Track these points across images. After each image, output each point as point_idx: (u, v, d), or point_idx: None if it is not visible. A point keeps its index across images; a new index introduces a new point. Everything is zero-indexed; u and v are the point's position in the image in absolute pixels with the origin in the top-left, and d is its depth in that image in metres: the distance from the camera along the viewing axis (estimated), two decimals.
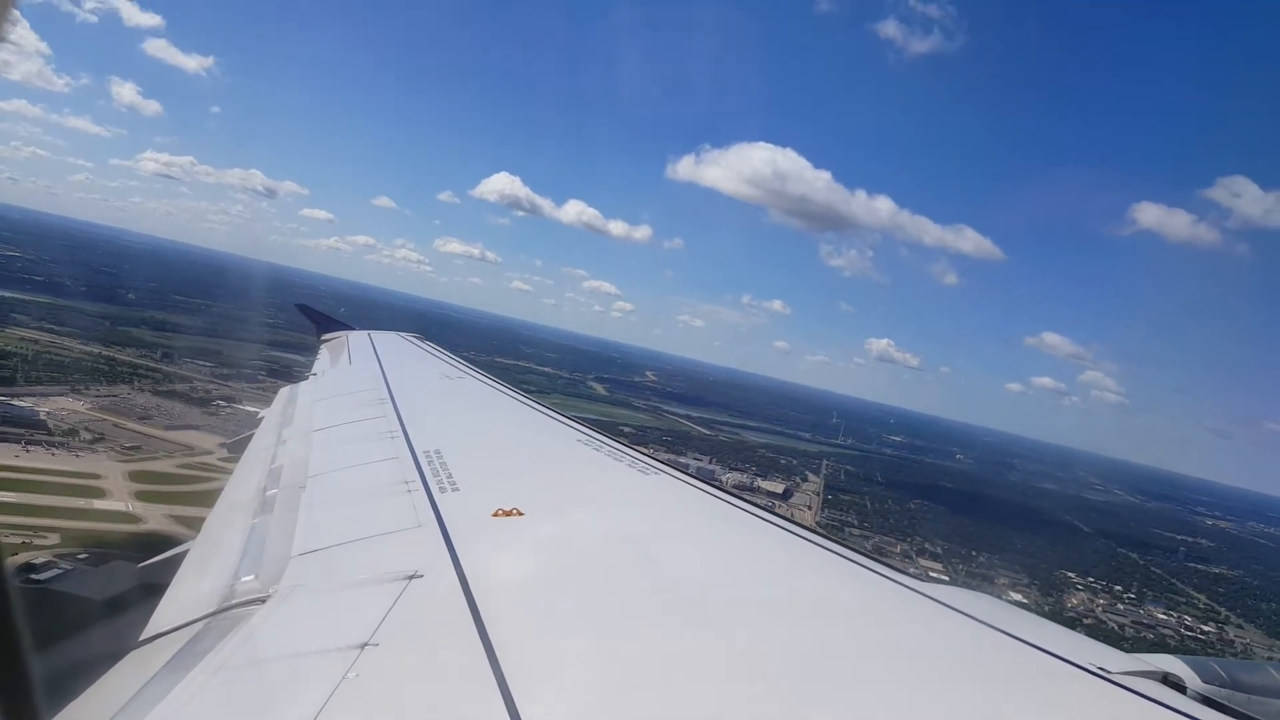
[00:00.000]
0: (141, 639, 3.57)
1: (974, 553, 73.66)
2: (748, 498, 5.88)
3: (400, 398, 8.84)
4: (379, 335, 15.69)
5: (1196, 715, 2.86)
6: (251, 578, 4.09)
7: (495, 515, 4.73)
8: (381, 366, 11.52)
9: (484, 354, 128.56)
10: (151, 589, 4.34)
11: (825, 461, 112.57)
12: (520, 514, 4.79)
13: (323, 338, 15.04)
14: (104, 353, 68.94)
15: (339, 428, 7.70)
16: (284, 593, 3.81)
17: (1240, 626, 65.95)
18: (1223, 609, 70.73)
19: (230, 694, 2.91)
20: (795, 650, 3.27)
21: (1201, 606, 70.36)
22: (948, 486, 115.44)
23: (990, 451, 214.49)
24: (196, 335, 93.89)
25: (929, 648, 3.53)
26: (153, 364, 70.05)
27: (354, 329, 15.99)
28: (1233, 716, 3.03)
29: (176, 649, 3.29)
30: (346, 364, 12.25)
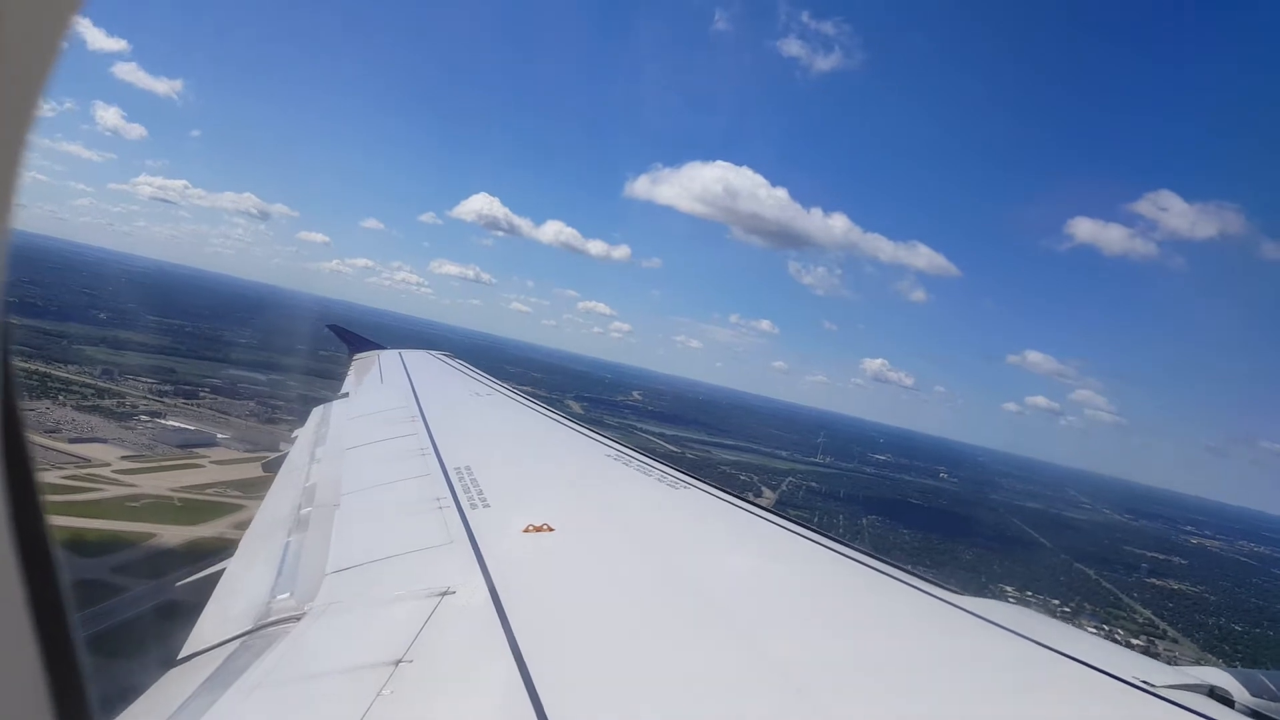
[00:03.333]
0: (180, 656, 3.66)
1: (909, 565, 72.56)
2: (780, 512, 5.89)
3: (431, 415, 8.98)
4: (410, 354, 16.01)
5: None
6: (287, 595, 4.16)
7: (526, 531, 4.76)
8: (412, 384, 11.69)
9: None
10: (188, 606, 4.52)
11: (788, 479, 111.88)
12: (550, 529, 4.80)
13: (354, 357, 15.39)
14: (41, 369, 69.55)
15: (371, 445, 7.81)
16: (319, 610, 3.87)
17: (1175, 641, 64.84)
18: (1164, 623, 69.57)
19: (268, 711, 2.95)
20: (830, 663, 3.29)
21: (1140, 621, 69.22)
22: (914, 503, 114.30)
23: (981, 470, 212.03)
24: (155, 354, 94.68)
25: (967, 661, 3.52)
26: (89, 380, 70.60)
27: (385, 348, 16.30)
28: None
29: (214, 667, 3.37)
30: (378, 382, 12.53)
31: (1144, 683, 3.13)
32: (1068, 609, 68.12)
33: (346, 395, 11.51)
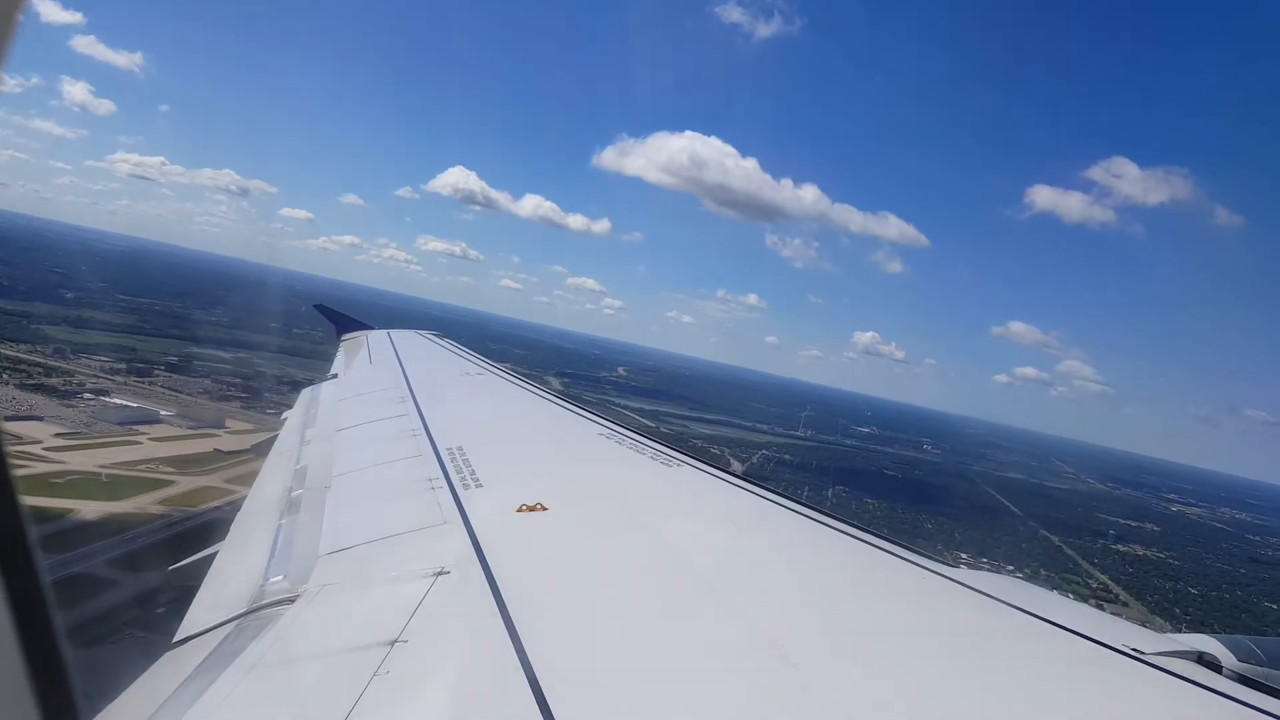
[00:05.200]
0: (175, 640, 3.70)
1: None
2: (773, 489, 5.94)
3: (421, 396, 9.02)
4: (398, 334, 16.06)
5: (1233, 694, 2.87)
6: (280, 578, 4.19)
7: (519, 510, 4.78)
8: (402, 365, 11.72)
9: None
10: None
11: (761, 452, 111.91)
12: (544, 508, 4.82)
13: (342, 337, 15.36)
14: None
15: (362, 427, 7.86)
16: (313, 592, 3.89)
17: (1125, 605, 65.05)
18: (1118, 588, 69.83)
19: (264, 694, 2.97)
20: (824, 637, 3.33)
21: (1094, 585, 69.45)
22: (888, 474, 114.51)
23: (968, 442, 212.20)
24: (118, 332, 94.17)
25: (959, 632, 3.58)
26: (40, 359, 70.18)
27: (373, 328, 16.34)
28: (1271, 695, 2.97)
29: (210, 650, 3.40)
30: (366, 363, 12.57)
31: (1133, 650, 3.19)
32: (1021, 574, 68.12)
33: (335, 376, 11.46)
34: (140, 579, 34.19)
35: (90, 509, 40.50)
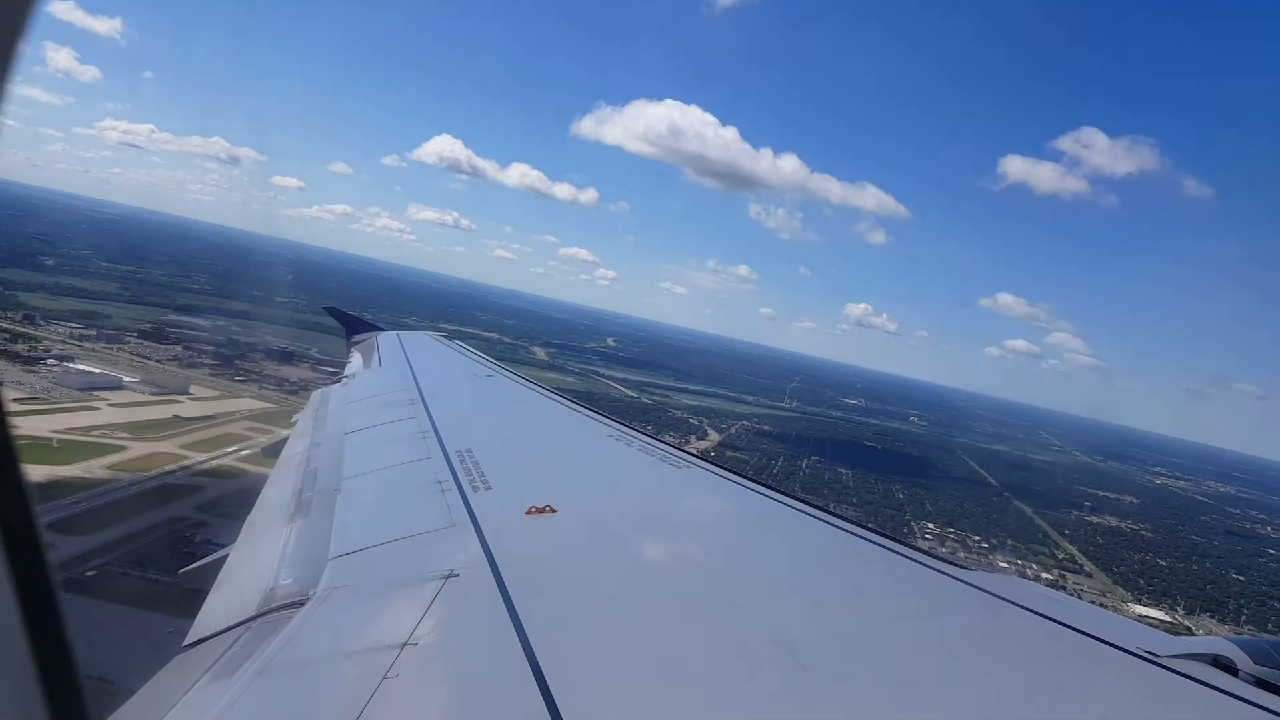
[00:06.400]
0: (185, 643, 3.70)
1: (835, 504, 73.10)
2: (784, 489, 5.96)
3: (430, 398, 8.97)
4: (408, 336, 16.15)
5: (1249, 698, 2.84)
6: (290, 581, 4.19)
7: (529, 513, 4.77)
8: (411, 367, 11.70)
9: (427, 320, 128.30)
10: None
11: (741, 423, 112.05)
12: (553, 511, 4.81)
13: (353, 339, 15.33)
14: None
15: (371, 429, 7.84)
16: (322, 595, 3.88)
17: (1089, 575, 65.57)
18: (1085, 559, 70.27)
19: (275, 696, 2.97)
20: (833, 639, 3.35)
21: (1060, 556, 69.90)
22: (868, 445, 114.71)
23: (957, 414, 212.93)
24: (96, 299, 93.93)
25: (970, 634, 3.60)
26: (6, 325, 69.99)
27: (383, 330, 16.31)
28: None
29: (220, 653, 3.42)
30: (377, 366, 12.46)
31: (1148, 653, 3.17)
32: (986, 545, 68.71)
33: (345, 379, 11.52)
34: (76, 542, 34.29)
35: (36, 473, 40.50)
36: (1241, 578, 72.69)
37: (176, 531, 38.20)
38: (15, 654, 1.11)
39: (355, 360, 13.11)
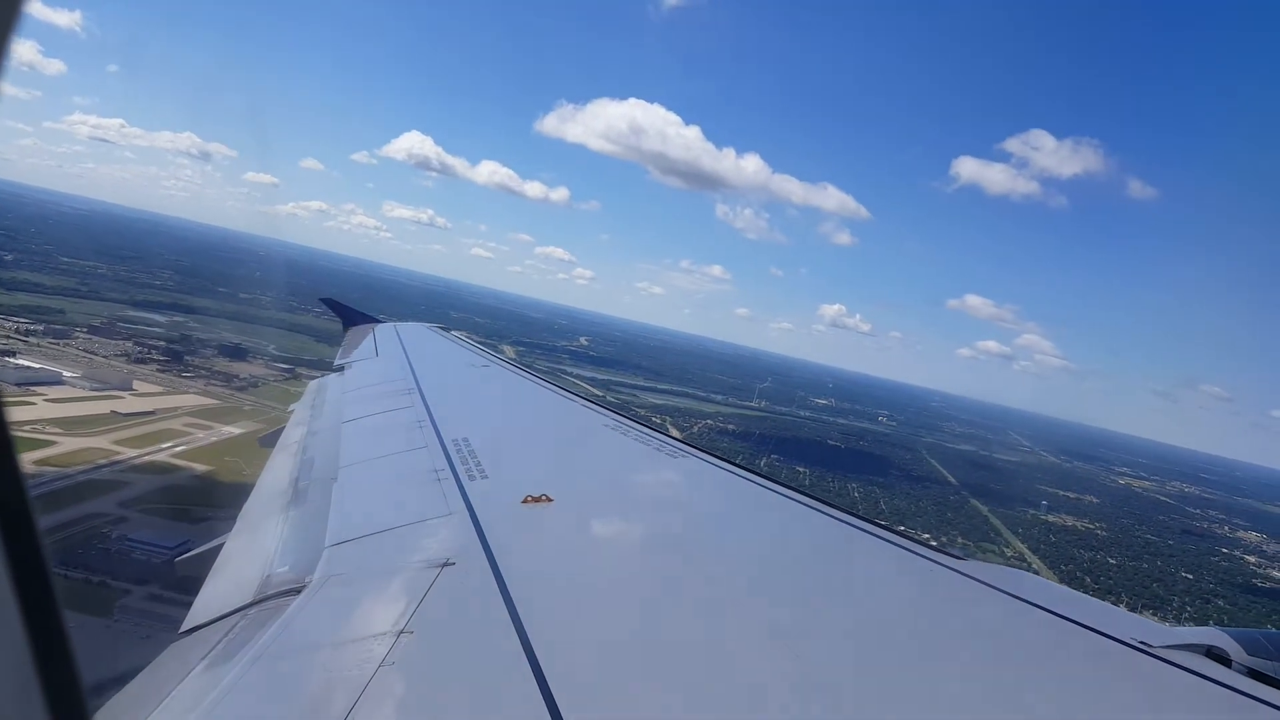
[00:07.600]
0: (181, 631, 3.70)
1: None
2: (779, 479, 5.90)
3: (427, 387, 9.06)
4: (404, 327, 16.52)
5: (1242, 688, 2.86)
6: (286, 569, 4.22)
7: (525, 502, 4.78)
8: (408, 357, 11.81)
9: (396, 317, 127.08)
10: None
11: (705, 421, 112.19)
12: (549, 500, 4.83)
13: (349, 330, 15.51)
14: None
15: (368, 419, 7.89)
16: (318, 583, 3.88)
17: (1036, 572, 65.77)
18: (1035, 557, 70.90)
19: (271, 684, 2.97)
20: (834, 630, 3.36)
21: (1009, 554, 70.50)
22: (830, 444, 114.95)
23: (928, 415, 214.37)
24: (50, 294, 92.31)
25: (967, 625, 3.62)
26: None
27: (380, 321, 16.48)
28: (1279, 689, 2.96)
29: (216, 640, 3.43)
30: (373, 356, 12.53)
31: (1142, 643, 3.19)
32: (935, 543, 68.96)
33: (342, 368, 11.59)
34: None
35: None
36: (1190, 576, 73.48)
37: (94, 528, 37.53)
38: (14, 648, 1.11)
39: (350, 350, 13.27)
